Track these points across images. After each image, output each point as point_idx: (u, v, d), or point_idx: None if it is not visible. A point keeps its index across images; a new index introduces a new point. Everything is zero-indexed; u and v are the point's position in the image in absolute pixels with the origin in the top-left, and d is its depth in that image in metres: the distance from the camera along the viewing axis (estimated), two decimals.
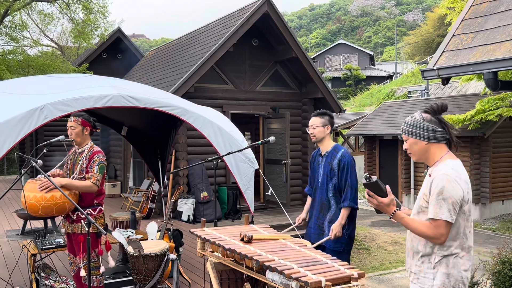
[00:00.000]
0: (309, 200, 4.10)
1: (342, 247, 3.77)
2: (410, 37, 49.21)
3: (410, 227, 2.27)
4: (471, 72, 3.48)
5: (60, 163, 4.30)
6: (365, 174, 2.33)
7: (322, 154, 3.93)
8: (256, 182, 6.10)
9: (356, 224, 3.97)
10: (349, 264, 2.81)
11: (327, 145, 3.90)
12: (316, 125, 3.86)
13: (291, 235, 3.40)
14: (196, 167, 9.76)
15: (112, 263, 4.15)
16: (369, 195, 2.32)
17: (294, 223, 4.07)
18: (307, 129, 3.97)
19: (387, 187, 2.33)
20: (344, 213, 3.71)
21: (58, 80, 5.32)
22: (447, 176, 2.20)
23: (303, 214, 4.07)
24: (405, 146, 2.44)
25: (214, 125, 5.44)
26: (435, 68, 3.70)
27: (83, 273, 3.75)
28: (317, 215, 3.89)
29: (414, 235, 2.36)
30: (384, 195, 2.30)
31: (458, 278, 2.24)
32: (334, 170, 3.79)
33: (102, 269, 3.79)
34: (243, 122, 11.97)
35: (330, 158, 3.84)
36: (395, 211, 2.29)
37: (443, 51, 3.81)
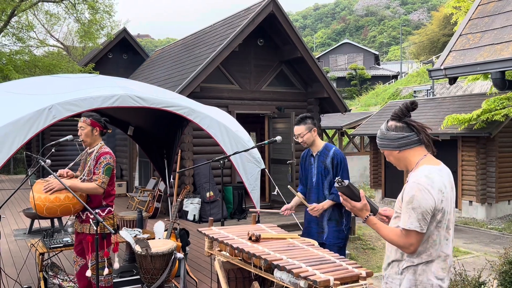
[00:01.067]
0: (300, 196, 4.16)
1: (342, 243, 3.91)
2: (415, 36, 49.06)
3: (382, 234, 2.23)
4: (478, 72, 3.47)
5: (72, 163, 4.33)
6: (337, 177, 2.33)
7: (314, 154, 4.01)
8: (261, 182, 6.12)
9: (356, 223, 4.08)
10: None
11: (317, 145, 4.00)
12: (303, 133, 3.94)
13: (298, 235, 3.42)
14: (202, 167, 9.78)
15: (116, 265, 4.16)
16: (343, 199, 2.30)
17: (301, 224, 4.09)
18: (294, 137, 4.02)
19: (361, 191, 2.29)
20: (328, 202, 3.82)
21: (65, 80, 5.35)
22: (418, 184, 2.12)
23: (289, 204, 4.13)
24: (386, 158, 2.41)
25: (221, 124, 5.46)
26: (442, 67, 3.69)
27: (89, 273, 3.76)
28: (315, 228, 3.98)
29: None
30: (358, 199, 2.27)
31: (427, 286, 2.17)
32: (328, 169, 3.90)
33: (106, 270, 3.79)
34: (248, 122, 11.97)
35: (323, 157, 3.94)
36: (367, 216, 2.25)
37: (450, 51, 3.81)
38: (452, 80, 3.79)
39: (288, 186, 4.17)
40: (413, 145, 2.26)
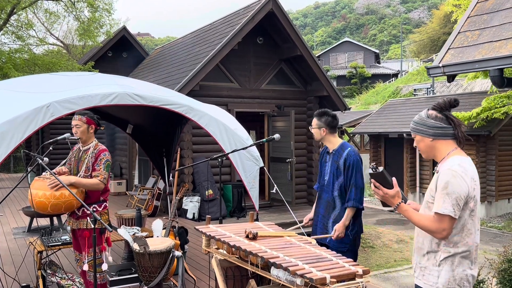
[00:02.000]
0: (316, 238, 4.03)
1: (346, 248, 3.70)
2: (416, 35, 49.01)
3: (413, 220, 2.27)
4: (476, 69, 3.46)
5: (64, 160, 4.33)
6: (372, 163, 2.33)
7: (330, 152, 3.85)
8: (260, 180, 6.12)
9: (362, 223, 3.90)
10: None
11: (333, 143, 3.82)
12: (313, 126, 3.85)
13: (296, 233, 3.41)
14: (201, 165, 9.77)
15: (110, 259, 4.17)
16: (375, 186, 2.32)
17: (301, 222, 4.04)
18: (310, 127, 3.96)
19: (394, 179, 2.32)
20: (348, 213, 3.63)
21: (64, 78, 5.35)
22: (452, 171, 2.19)
23: (311, 214, 3.98)
24: (414, 143, 2.45)
25: (220, 123, 5.45)
26: (440, 65, 3.68)
27: (86, 267, 3.80)
28: (323, 214, 3.84)
29: (420, 231, 2.36)
30: (390, 186, 2.30)
31: (463, 277, 2.23)
32: (340, 169, 3.71)
33: (105, 266, 3.81)
34: (248, 120, 11.97)
35: (336, 157, 3.76)
36: (399, 203, 2.30)
37: (448, 48, 3.80)
38: (451, 78, 3.78)
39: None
40: (447, 137, 2.33)
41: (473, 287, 5.73)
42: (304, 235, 4.03)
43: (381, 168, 2.28)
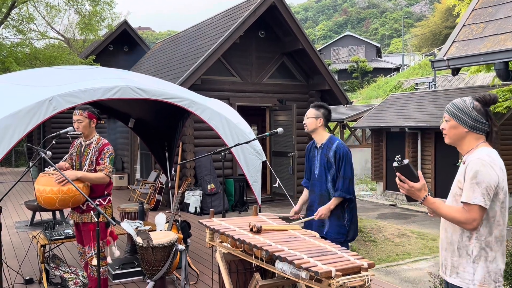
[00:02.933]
0: (305, 192, 4.12)
1: (343, 238, 3.81)
2: (417, 28, 48.83)
3: (441, 212, 2.22)
4: (481, 63, 3.44)
5: (67, 155, 4.33)
6: (397, 156, 2.28)
7: (318, 146, 3.95)
8: (263, 174, 6.11)
9: (358, 215, 3.97)
10: None
11: (321, 137, 3.92)
12: (309, 116, 3.90)
13: (300, 227, 3.41)
14: (203, 159, 9.77)
15: (117, 253, 4.18)
16: (400, 180, 2.27)
17: (303, 216, 4.05)
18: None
19: (419, 171, 2.28)
20: (333, 201, 3.77)
21: (66, 72, 5.33)
22: (482, 160, 2.17)
23: (296, 207, 4.10)
24: (443, 125, 2.38)
25: (222, 116, 5.44)
26: (445, 58, 3.66)
27: (95, 262, 3.81)
28: (317, 207, 3.91)
29: (448, 226, 2.32)
30: (416, 180, 2.25)
31: (497, 271, 2.21)
32: (330, 162, 3.83)
33: (108, 259, 3.84)
34: (249, 115, 11.94)
35: (326, 150, 3.87)
36: (426, 196, 2.24)
37: (453, 41, 3.77)
38: (455, 71, 3.76)
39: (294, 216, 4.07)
40: (482, 133, 2.29)
41: None
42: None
43: (406, 161, 2.24)
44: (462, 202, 2.18)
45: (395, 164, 2.24)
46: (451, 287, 2.31)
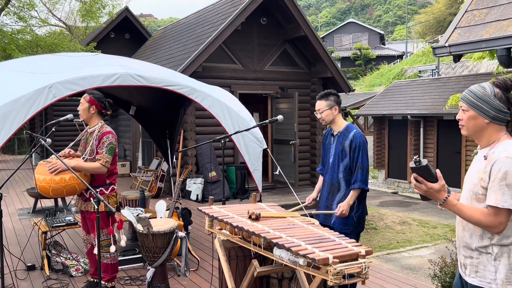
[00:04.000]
0: (320, 179, 4.03)
1: (350, 229, 3.69)
2: (421, 15, 48.38)
3: (464, 215, 2.05)
4: (483, 49, 3.40)
5: (72, 143, 4.33)
6: (415, 157, 2.08)
7: (334, 134, 3.82)
8: (264, 162, 6.10)
9: (366, 205, 3.88)
10: None
11: (339, 125, 3.79)
12: (322, 109, 3.74)
13: (300, 214, 3.40)
14: (205, 147, 9.77)
15: (123, 243, 4.19)
16: (416, 180, 2.09)
17: (303, 203, 4.03)
18: (315, 113, 3.87)
19: (438, 171, 2.09)
20: (353, 194, 3.64)
21: (66, 59, 5.31)
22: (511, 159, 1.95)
23: (313, 194, 3.99)
24: (460, 115, 2.16)
25: (222, 104, 5.42)
26: (446, 45, 3.62)
27: (96, 250, 3.82)
28: (326, 196, 3.84)
29: (466, 225, 2.15)
30: (434, 180, 2.06)
31: None
32: (345, 151, 3.69)
33: (112, 248, 3.84)
34: (251, 102, 11.91)
35: (342, 139, 3.74)
36: (446, 197, 2.05)
37: (455, 28, 3.73)
38: (457, 58, 3.72)
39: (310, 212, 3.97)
40: (503, 123, 2.09)
41: None
42: (307, 215, 4.04)
43: (425, 161, 2.06)
44: (488, 205, 2.01)
45: (412, 164, 2.07)
46: (470, 287, 2.16)
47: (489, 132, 2.10)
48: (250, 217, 2.98)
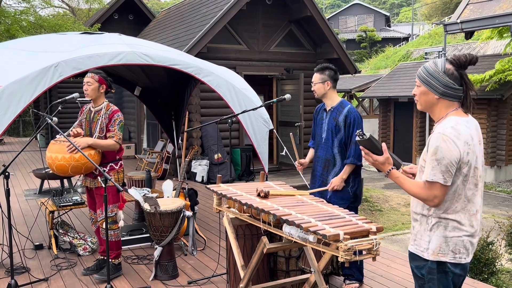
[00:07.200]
0: (311, 151, 4.04)
1: (346, 204, 3.73)
2: None
3: (404, 187, 2.15)
4: (496, 25, 3.33)
5: (77, 121, 4.32)
6: (358, 130, 2.21)
7: (327, 109, 3.83)
8: (269, 145, 6.07)
9: (363, 182, 3.91)
10: None
11: (332, 100, 3.80)
12: (315, 81, 3.77)
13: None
14: (210, 129, 9.75)
15: (122, 223, 4.21)
16: (365, 153, 2.22)
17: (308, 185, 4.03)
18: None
19: (383, 144, 2.20)
20: (346, 169, 3.68)
21: (71, 38, 5.25)
22: (443, 135, 2.03)
23: (305, 160, 4.01)
24: (414, 90, 2.24)
25: (229, 84, 5.37)
26: (458, 21, 3.55)
27: (104, 225, 3.87)
28: (321, 172, 3.84)
29: (412, 197, 2.25)
30: (380, 153, 2.19)
31: (458, 242, 2.10)
32: (339, 126, 3.71)
33: (121, 223, 3.89)
34: (256, 84, 11.81)
35: (335, 114, 3.75)
36: (390, 170, 2.18)
37: (467, 4, 3.65)
38: (469, 35, 3.65)
39: (290, 134, 4.06)
40: (454, 99, 2.13)
41: (482, 248, 5.73)
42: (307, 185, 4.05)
43: (368, 134, 2.17)
44: (424, 179, 2.10)
45: (356, 138, 2.19)
46: (409, 254, 2.27)
47: (439, 108, 2.17)
48: (258, 195, 2.97)
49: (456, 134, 2.04)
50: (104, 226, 4.03)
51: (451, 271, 2.13)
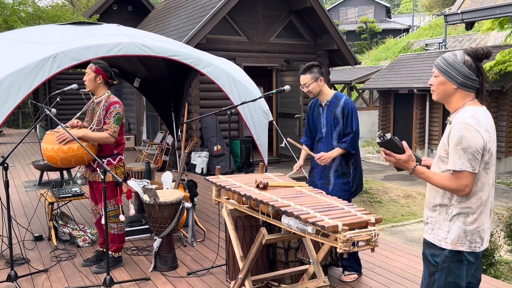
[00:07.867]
0: (304, 151, 4.06)
1: (348, 195, 3.80)
2: None
3: (432, 181, 2.17)
4: (498, 15, 3.31)
5: (79, 113, 4.31)
6: (379, 132, 2.21)
7: (323, 104, 3.86)
8: (269, 136, 6.07)
9: (364, 176, 3.95)
10: None
11: (326, 95, 3.84)
12: (308, 82, 3.78)
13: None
14: (209, 121, 9.73)
15: (132, 211, 4.22)
16: (385, 154, 2.21)
17: (308, 176, 4.04)
18: (301, 87, 3.87)
19: (404, 142, 2.21)
20: (337, 150, 3.74)
21: (70, 28, 5.22)
22: (465, 124, 2.08)
23: (300, 161, 4.06)
24: (431, 81, 2.27)
25: (229, 75, 5.35)
26: (459, 11, 3.52)
27: (103, 221, 3.84)
28: (323, 166, 3.87)
29: (432, 186, 2.26)
30: (401, 151, 2.18)
31: (475, 233, 2.16)
32: (337, 119, 3.77)
33: (122, 217, 3.86)
34: (256, 76, 11.77)
35: (332, 107, 3.80)
36: (414, 167, 2.18)
37: None
38: (469, 26, 3.63)
39: (288, 139, 4.08)
40: (471, 90, 2.19)
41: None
42: (307, 177, 4.07)
43: (389, 135, 2.17)
44: (450, 169, 2.12)
45: (377, 140, 2.19)
46: (424, 242, 2.30)
47: (456, 98, 2.22)
48: (257, 186, 2.97)
49: (477, 122, 2.10)
50: (108, 220, 4.01)
51: (466, 259, 2.18)
